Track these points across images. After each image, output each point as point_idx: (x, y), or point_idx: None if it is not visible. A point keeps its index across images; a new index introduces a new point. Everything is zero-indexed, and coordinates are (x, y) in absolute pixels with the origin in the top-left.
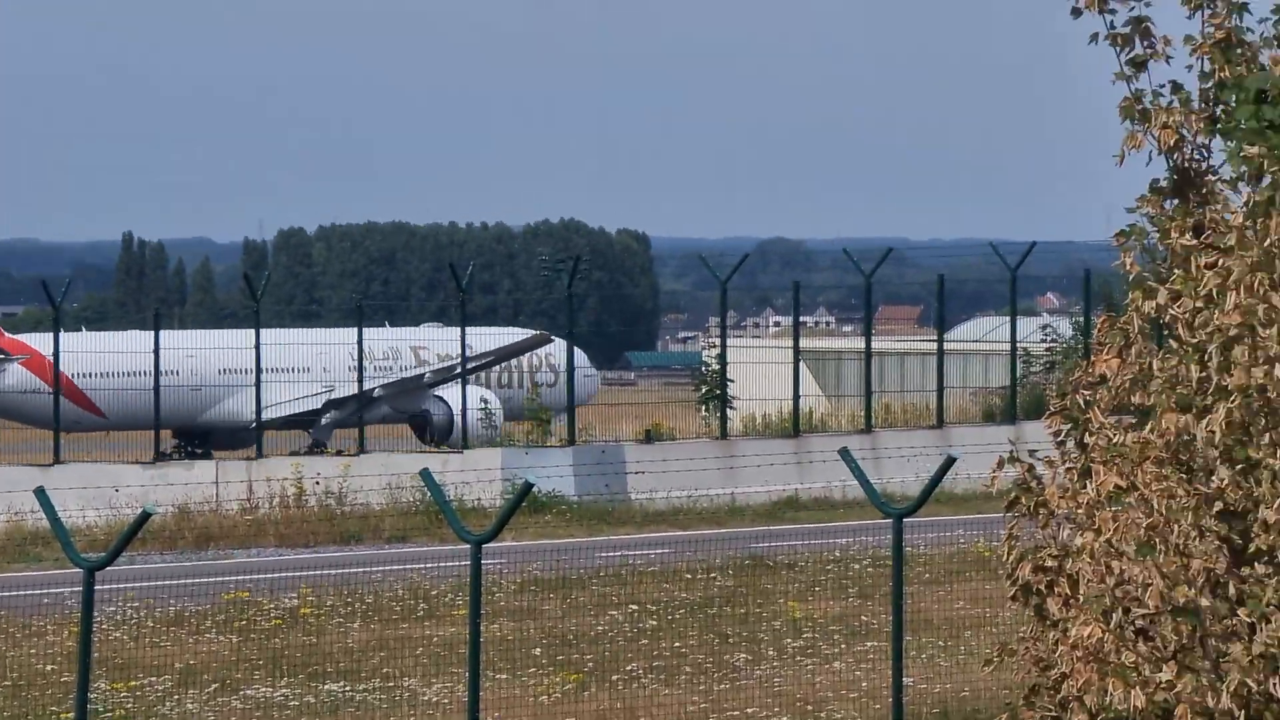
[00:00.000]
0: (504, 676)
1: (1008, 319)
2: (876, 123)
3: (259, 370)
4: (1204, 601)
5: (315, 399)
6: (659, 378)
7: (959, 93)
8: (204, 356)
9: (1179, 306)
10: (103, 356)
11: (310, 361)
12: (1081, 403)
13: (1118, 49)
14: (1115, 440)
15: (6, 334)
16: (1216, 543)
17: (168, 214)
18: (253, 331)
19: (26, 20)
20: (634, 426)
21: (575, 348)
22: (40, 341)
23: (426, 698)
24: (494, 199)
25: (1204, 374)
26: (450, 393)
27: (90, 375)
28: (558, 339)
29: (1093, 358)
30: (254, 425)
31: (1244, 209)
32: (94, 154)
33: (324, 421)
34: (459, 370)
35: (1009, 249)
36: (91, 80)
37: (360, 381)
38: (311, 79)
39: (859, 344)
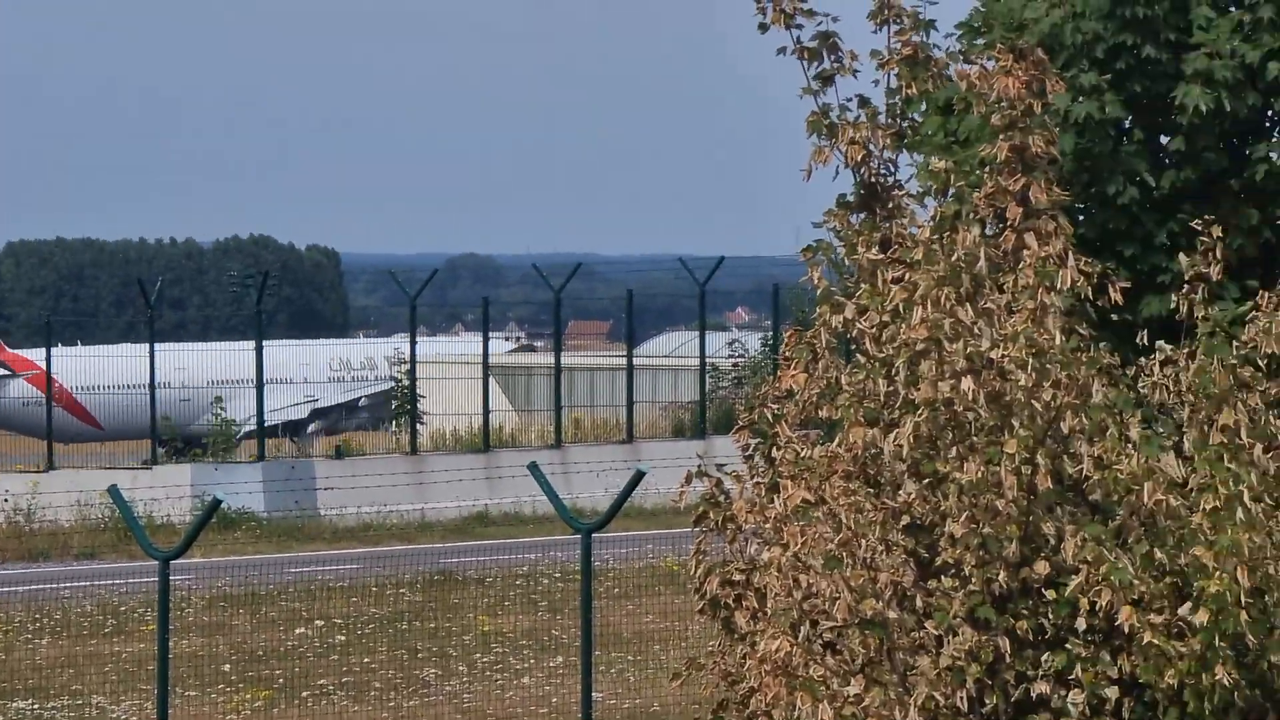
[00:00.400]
0: (193, 693)
1: (697, 334)
2: (569, 139)
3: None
4: (891, 614)
5: (301, 408)
6: None
7: (651, 109)
8: (195, 368)
9: (866, 321)
10: (99, 371)
11: (294, 372)
12: (769, 417)
13: (805, 63)
14: (803, 454)
15: (8, 349)
16: (904, 556)
17: None
18: (240, 344)
19: None
20: (325, 441)
21: None
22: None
23: (115, 715)
24: (184, 215)
25: (891, 388)
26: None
27: (88, 389)
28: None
29: (780, 372)
30: (241, 435)
31: (930, 223)
32: None
33: (310, 430)
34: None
35: (699, 264)
36: None
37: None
38: None
39: (549, 359)
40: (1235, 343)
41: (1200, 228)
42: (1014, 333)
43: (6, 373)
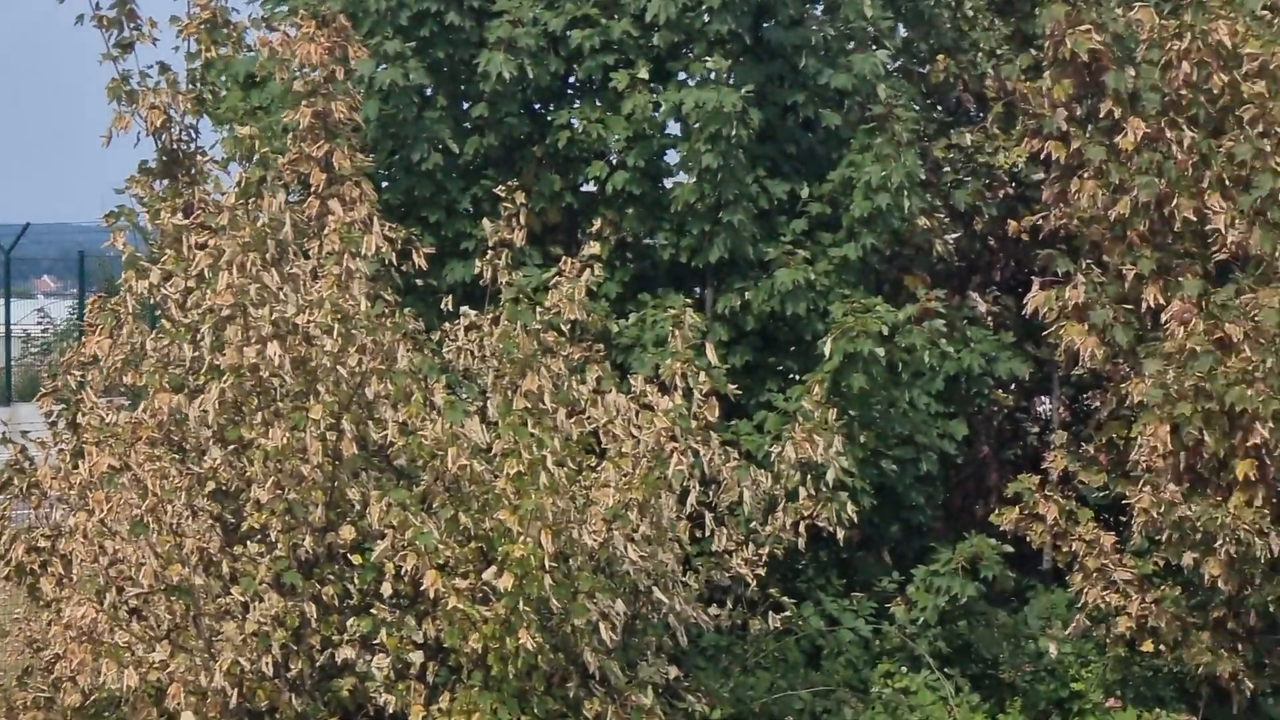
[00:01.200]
0: None
1: (2, 301)
2: None
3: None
4: (198, 580)
5: None
6: None
7: None
8: None
9: (171, 286)
10: None
11: None
12: (74, 384)
13: (105, 31)
14: (108, 421)
15: None
16: (210, 522)
17: None
18: None
19: None
20: None
21: None
22: None
23: None
24: None
25: (196, 354)
26: None
27: None
28: None
29: (84, 339)
30: None
31: (235, 189)
32: None
33: None
34: None
35: (3, 231)
36: None
37: None
38: None
39: None
40: (539, 308)
41: (503, 194)
42: (319, 298)
43: None
